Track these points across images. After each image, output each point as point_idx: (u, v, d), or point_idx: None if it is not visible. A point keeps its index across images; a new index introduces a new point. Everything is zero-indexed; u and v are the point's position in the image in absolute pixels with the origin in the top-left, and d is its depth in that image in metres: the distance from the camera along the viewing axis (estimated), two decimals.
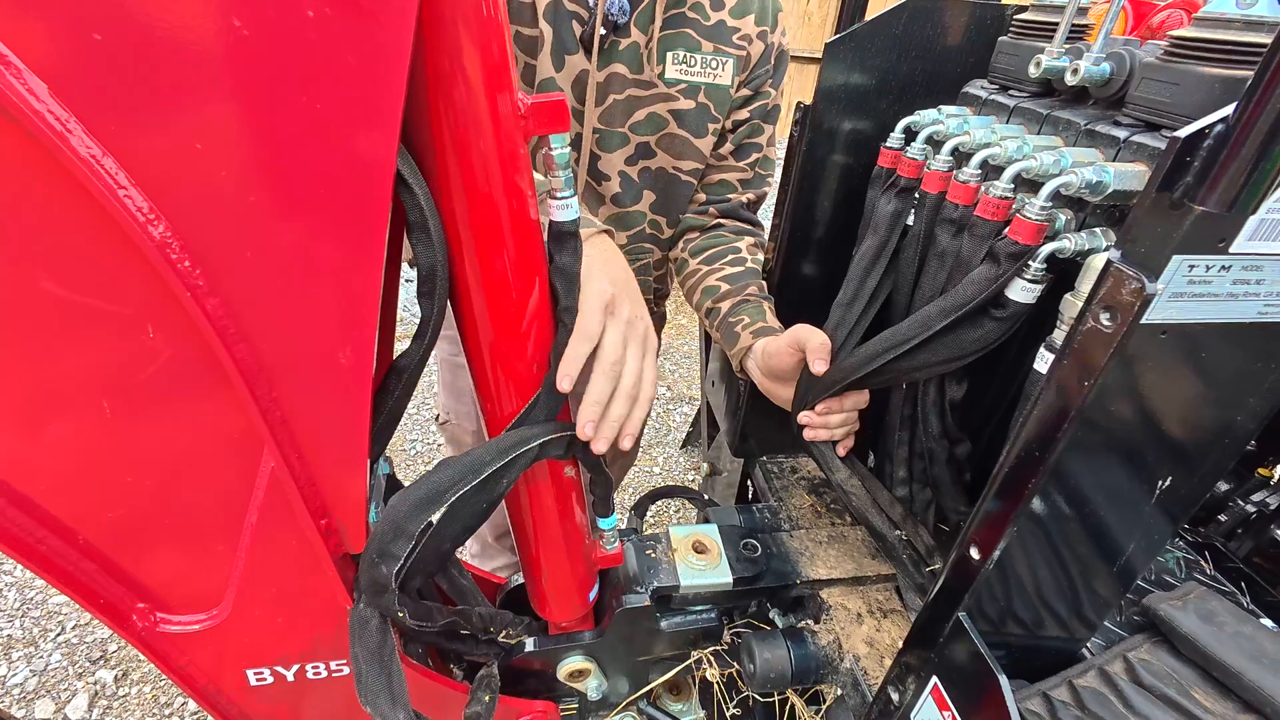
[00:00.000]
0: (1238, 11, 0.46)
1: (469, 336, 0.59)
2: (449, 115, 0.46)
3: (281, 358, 0.47)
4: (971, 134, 0.62)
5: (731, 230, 1.06)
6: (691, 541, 0.88)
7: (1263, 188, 0.34)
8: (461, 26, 0.43)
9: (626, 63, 0.88)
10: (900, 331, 0.61)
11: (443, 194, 0.50)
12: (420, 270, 0.50)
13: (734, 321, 0.94)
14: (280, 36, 0.36)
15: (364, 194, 0.42)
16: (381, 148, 0.41)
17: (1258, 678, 0.61)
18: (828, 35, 6.41)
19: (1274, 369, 0.47)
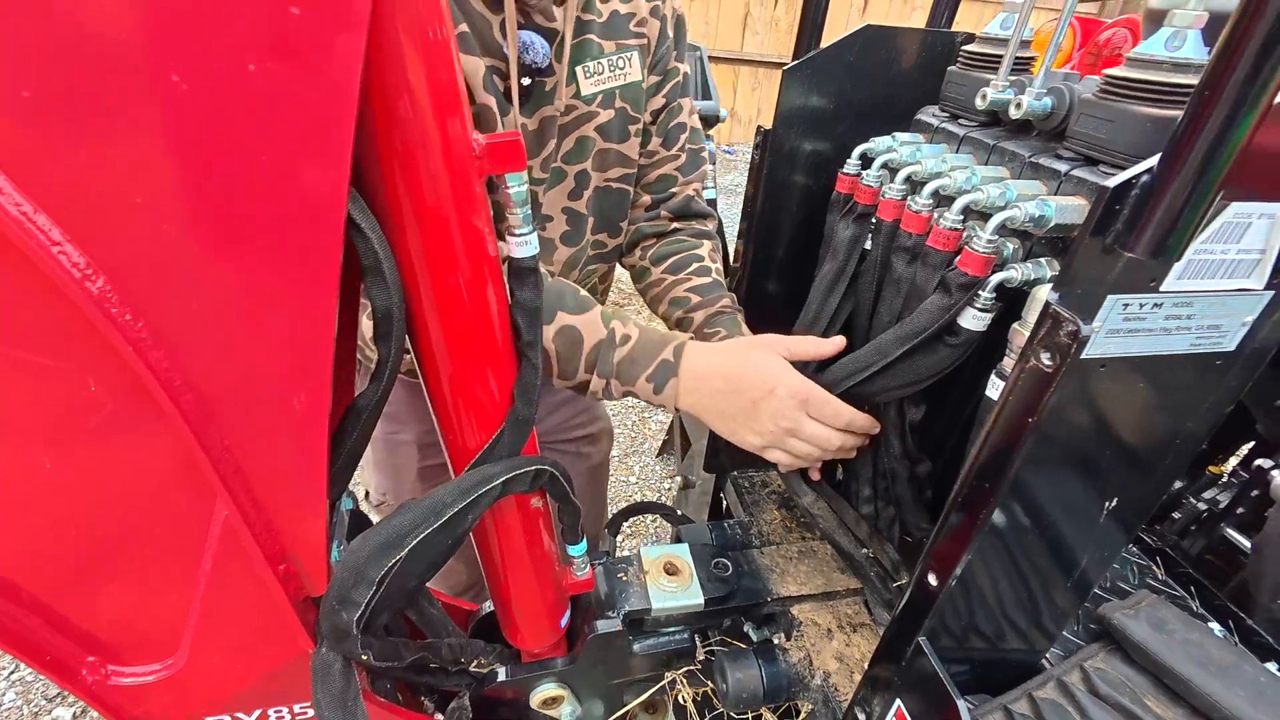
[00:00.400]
0: (1166, 54, 0.48)
1: (429, 373, 0.58)
2: (401, 158, 0.46)
3: (232, 406, 0.46)
4: (923, 163, 0.64)
5: (690, 234, 1.06)
6: (663, 563, 0.89)
7: (1185, 237, 0.35)
8: (412, 71, 0.43)
9: (553, 101, 0.83)
10: (859, 359, 0.63)
11: (398, 235, 0.49)
12: (376, 313, 0.50)
13: (710, 334, 0.96)
14: (221, 90, 0.35)
15: (313, 241, 0.42)
16: (330, 195, 0.41)
17: (1205, 684, 0.64)
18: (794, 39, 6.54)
19: (1208, 393, 0.49)
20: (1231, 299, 0.43)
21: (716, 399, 0.74)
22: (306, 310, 0.44)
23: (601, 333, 0.75)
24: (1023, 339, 0.52)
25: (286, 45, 0.35)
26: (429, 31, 0.43)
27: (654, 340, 0.76)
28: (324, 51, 0.36)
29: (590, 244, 0.97)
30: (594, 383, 0.76)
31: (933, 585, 0.52)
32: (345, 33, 0.36)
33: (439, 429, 0.63)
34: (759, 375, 0.72)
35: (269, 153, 0.38)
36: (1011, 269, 0.55)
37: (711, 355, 0.75)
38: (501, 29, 0.74)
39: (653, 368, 0.75)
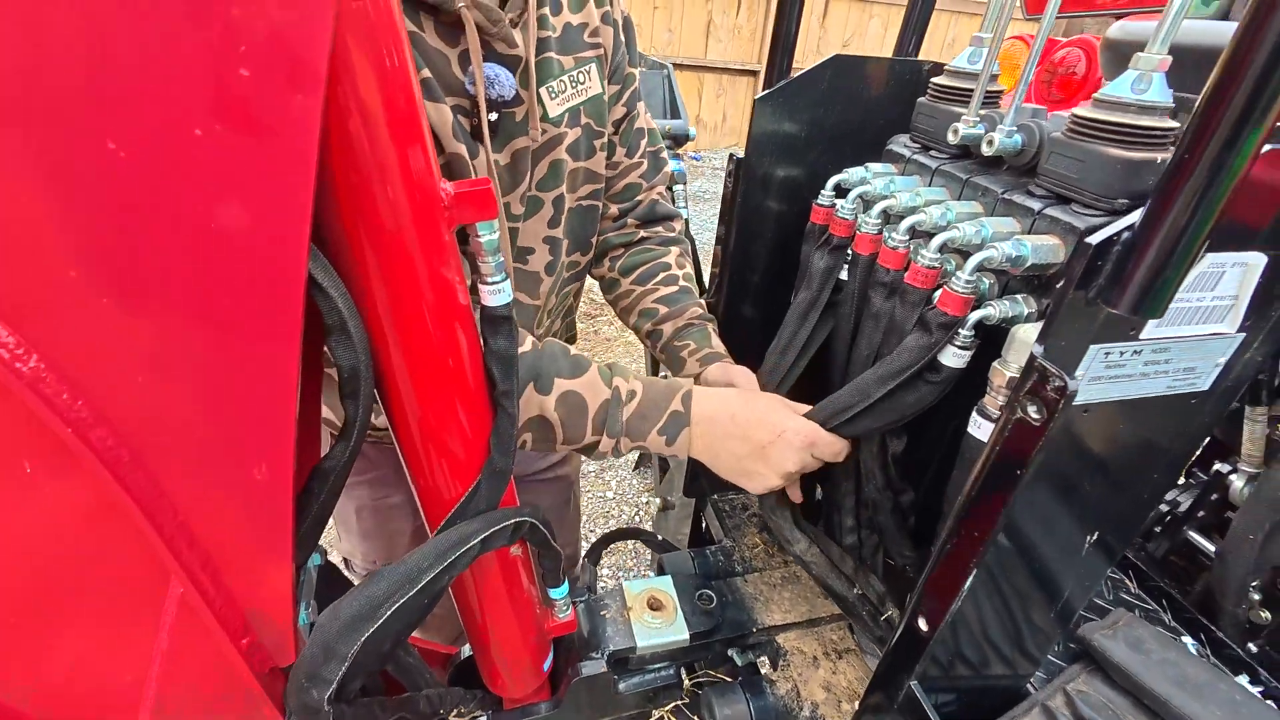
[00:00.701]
0: (1132, 96, 0.49)
1: (400, 428, 0.55)
2: (365, 213, 0.44)
3: (187, 481, 0.43)
4: (898, 197, 0.64)
5: (657, 241, 1.06)
6: (646, 598, 0.87)
7: (1165, 297, 0.35)
8: (374, 124, 0.41)
9: (526, 131, 0.79)
10: (842, 399, 0.63)
11: (363, 290, 0.47)
12: (342, 372, 0.47)
13: (680, 346, 0.96)
14: (163, 156, 0.33)
15: (272, 307, 0.39)
16: (290, 259, 0.38)
17: (1183, 704, 0.65)
18: (758, 47, 6.56)
19: (1185, 429, 0.50)
20: (1207, 343, 0.44)
21: (728, 443, 0.74)
22: (266, 378, 0.41)
23: (605, 392, 0.73)
24: (1003, 378, 0.52)
25: (236, 109, 0.32)
26: (393, 84, 0.41)
27: (660, 392, 0.75)
28: (278, 114, 0.33)
29: (565, 266, 0.94)
30: (603, 443, 0.73)
31: (923, 630, 0.52)
32: (301, 94, 0.33)
33: (412, 483, 0.60)
34: (767, 419, 0.72)
35: (221, 218, 0.35)
36: (989, 306, 0.55)
37: (719, 399, 0.75)
38: (461, 62, 0.71)
39: (664, 420, 0.73)
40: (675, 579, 0.90)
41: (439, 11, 0.68)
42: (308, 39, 0.32)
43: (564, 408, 0.72)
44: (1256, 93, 0.30)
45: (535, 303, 0.91)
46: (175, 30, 0.30)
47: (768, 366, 0.84)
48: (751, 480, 0.75)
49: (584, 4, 0.84)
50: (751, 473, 0.74)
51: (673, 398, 0.74)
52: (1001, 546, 0.48)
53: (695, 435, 0.74)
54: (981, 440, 0.55)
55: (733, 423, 0.73)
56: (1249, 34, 0.30)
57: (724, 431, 0.73)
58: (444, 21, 0.69)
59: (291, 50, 0.32)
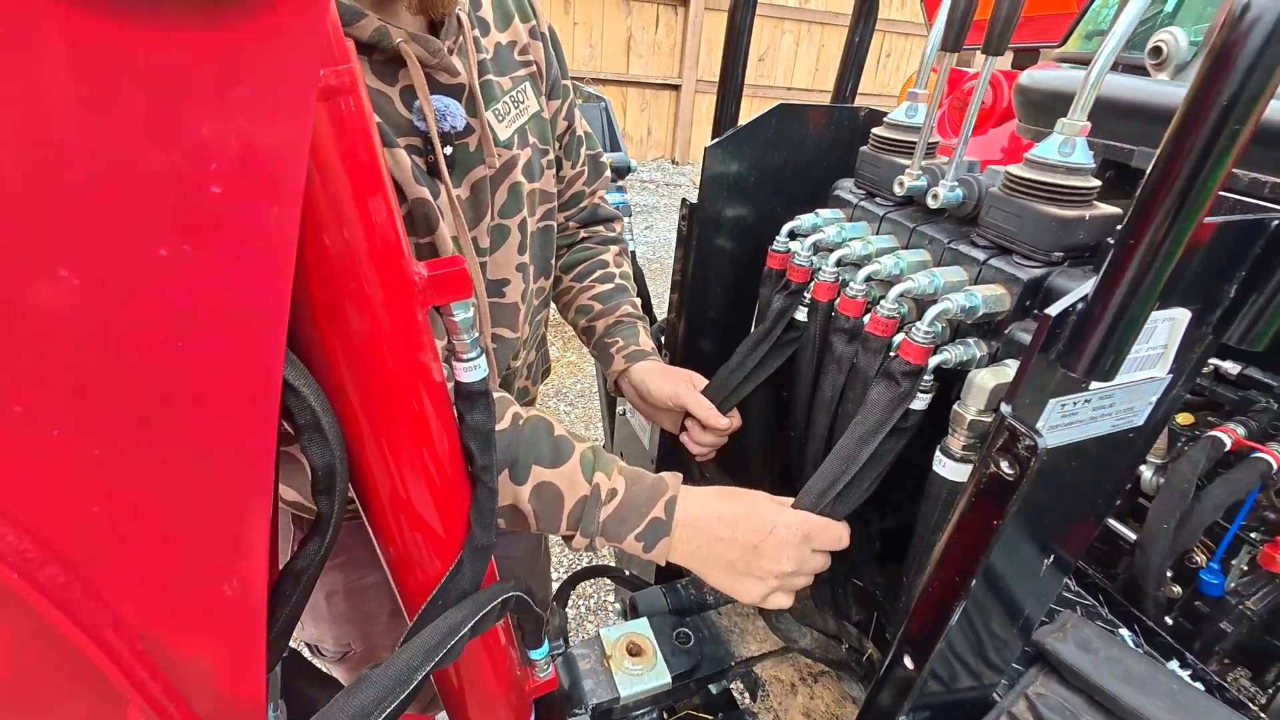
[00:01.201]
0: (1059, 158, 0.53)
1: (375, 512, 0.53)
2: (338, 310, 0.42)
3: (149, 608, 0.39)
4: (851, 245, 0.67)
5: (597, 240, 1.08)
6: (625, 644, 0.87)
7: (1117, 364, 0.39)
8: (348, 222, 0.39)
9: (482, 160, 0.76)
10: (827, 473, 0.64)
11: (336, 383, 0.45)
12: (315, 470, 0.44)
13: (609, 343, 0.99)
14: (122, 281, 0.30)
15: (245, 420, 0.37)
16: (264, 369, 0.36)
17: (1131, 699, 0.70)
18: (677, 61, 6.70)
19: (1124, 459, 0.55)
20: (1142, 386, 0.48)
21: (715, 547, 0.68)
22: (239, 494, 0.38)
23: (584, 488, 0.68)
24: (964, 420, 0.56)
25: (207, 227, 0.30)
26: (366, 179, 0.39)
27: (643, 494, 0.70)
28: (253, 229, 0.31)
29: (534, 293, 0.92)
30: (576, 539, 0.69)
31: (909, 669, 0.54)
32: (277, 207, 0.31)
33: (387, 566, 0.58)
34: (757, 516, 0.68)
35: (190, 339, 0.33)
36: (945, 351, 0.59)
37: (704, 501, 0.70)
38: (404, 98, 0.68)
39: (643, 526, 0.68)
40: (651, 621, 0.90)
41: (374, 49, 0.65)
42: (284, 152, 0.30)
43: (539, 500, 0.68)
44: (1192, 180, 0.34)
45: (515, 336, 0.88)
46: (136, 153, 0.28)
47: (716, 381, 0.87)
48: (745, 586, 0.68)
49: (509, 21, 0.82)
50: (744, 576, 0.68)
51: (656, 502, 0.69)
52: (980, 587, 0.51)
53: (677, 542, 0.69)
54: (945, 477, 0.59)
55: (719, 524, 0.68)
56: (1187, 122, 0.33)
57: (710, 535, 0.68)
58: (379, 60, 0.66)
59: (267, 165, 0.30)
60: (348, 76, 0.36)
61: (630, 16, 7.15)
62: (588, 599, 2.17)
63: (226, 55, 0.28)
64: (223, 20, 0.27)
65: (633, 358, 0.96)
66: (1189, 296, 0.44)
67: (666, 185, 7.11)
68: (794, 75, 8.33)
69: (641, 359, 0.95)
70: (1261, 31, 0.30)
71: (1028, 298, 0.56)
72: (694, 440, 0.91)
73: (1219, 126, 0.32)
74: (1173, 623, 1.21)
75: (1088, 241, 0.54)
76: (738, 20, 0.83)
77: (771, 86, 8.17)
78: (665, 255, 5.12)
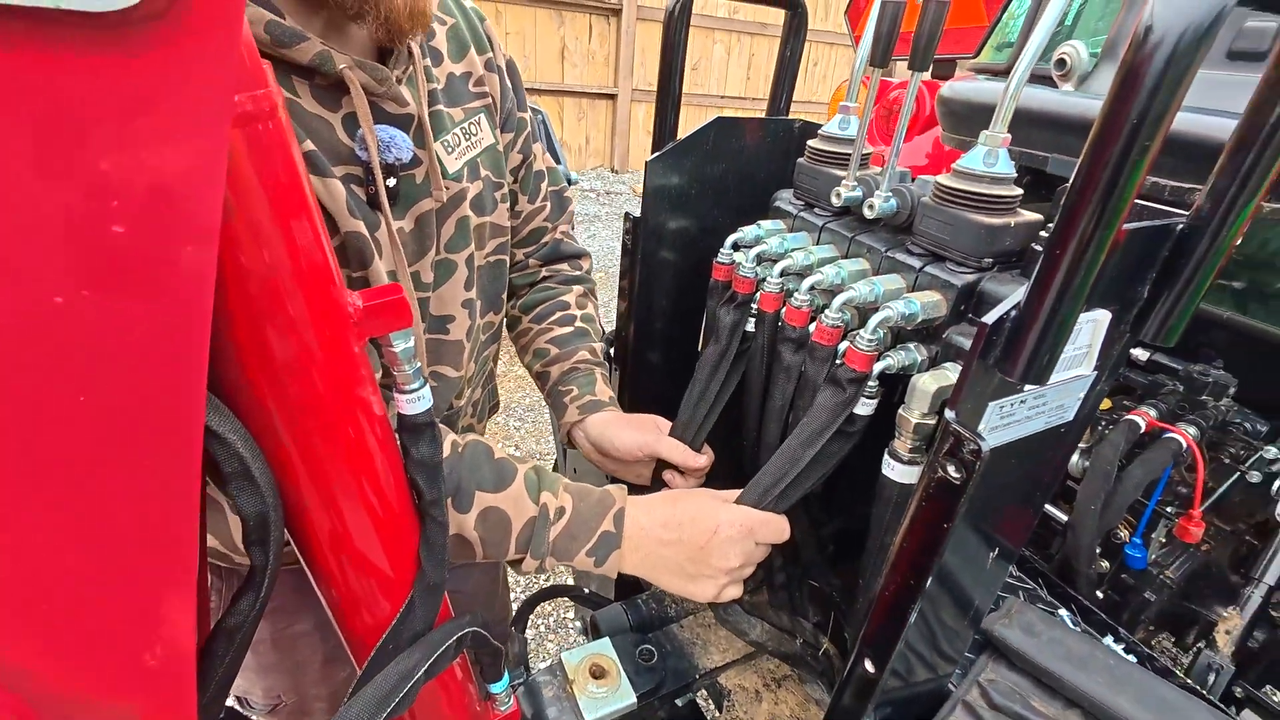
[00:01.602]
0: (984, 169, 0.56)
1: (316, 559, 0.50)
2: (264, 343, 0.39)
3: (60, 692, 0.35)
4: (794, 256, 0.68)
5: (559, 280, 1.03)
6: (588, 667, 0.85)
7: (1050, 367, 0.40)
8: (271, 248, 0.37)
9: (429, 193, 0.73)
10: (770, 472, 0.66)
11: (267, 426, 0.42)
12: (246, 520, 0.41)
13: (563, 391, 0.94)
14: (13, 333, 0.27)
15: (162, 477, 0.33)
16: (183, 418, 0.33)
17: (1073, 678, 0.74)
18: (612, 71, 6.76)
19: (1058, 452, 0.58)
20: (1071, 384, 0.51)
21: (663, 551, 0.70)
22: (159, 556, 0.35)
23: (531, 509, 0.68)
24: (909, 423, 0.57)
25: (109, 270, 0.28)
26: (287, 205, 0.37)
27: (592, 509, 0.70)
28: (165, 269, 0.29)
29: (481, 329, 0.89)
30: (526, 563, 0.68)
31: (871, 672, 0.55)
32: (190, 245, 0.29)
33: (330, 611, 0.54)
34: (699, 518, 0.69)
35: (95, 391, 0.30)
36: (888, 357, 0.60)
37: (650, 509, 0.72)
38: (346, 126, 0.65)
39: (593, 541, 0.69)
40: (613, 640, 0.89)
41: (315, 74, 0.62)
42: (195, 186, 0.28)
43: (484, 526, 0.66)
44: (1109, 193, 0.36)
45: (459, 374, 0.85)
46: (21, 192, 0.25)
47: (684, 418, 0.86)
48: (697, 585, 0.70)
49: (465, 52, 0.80)
50: (695, 578, 0.70)
51: (605, 515, 0.70)
52: (933, 587, 0.52)
53: (627, 553, 0.70)
54: (894, 480, 0.60)
55: (664, 529, 0.70)
56: (1102, 139, 0.35)
57: (656, 540, 0.70)
58: (321, 85, 0.63)
59: (177, 201, 0.28)
60: (266, 101, 0.34)
61: (563, 26, 7.15)
62: (547, 618, 2.13)
63: (126, 83, 0.26)
64: (121, 45, 0.25)
65: (588, 408, 0.90)
66: (1108, 298, 0.47)
67: (607, 194, 7.13)
68: (727, 84, 8.51)
69: (597, 410, 0.90)
70: (1164, 52, 0.32)
71: (962, 302, 0.58)
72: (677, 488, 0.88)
73: (1130, 142, 0.34)
74: (1103, 596, 1.28)
75: (1014, 247, 0.57)
76: (672, 34, 0.83)
77: (706, 95, 8.33)
78: (610, 263, 5.13)
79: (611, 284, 4.46)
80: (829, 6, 8.73)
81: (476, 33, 0.82)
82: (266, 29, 0.56)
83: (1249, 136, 0.43)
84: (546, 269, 1.03)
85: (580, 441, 0.93)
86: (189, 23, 0.26)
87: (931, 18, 0.53)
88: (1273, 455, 1.11)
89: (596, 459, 0.93)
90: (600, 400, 0.92)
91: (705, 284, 0.81)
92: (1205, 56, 0.32)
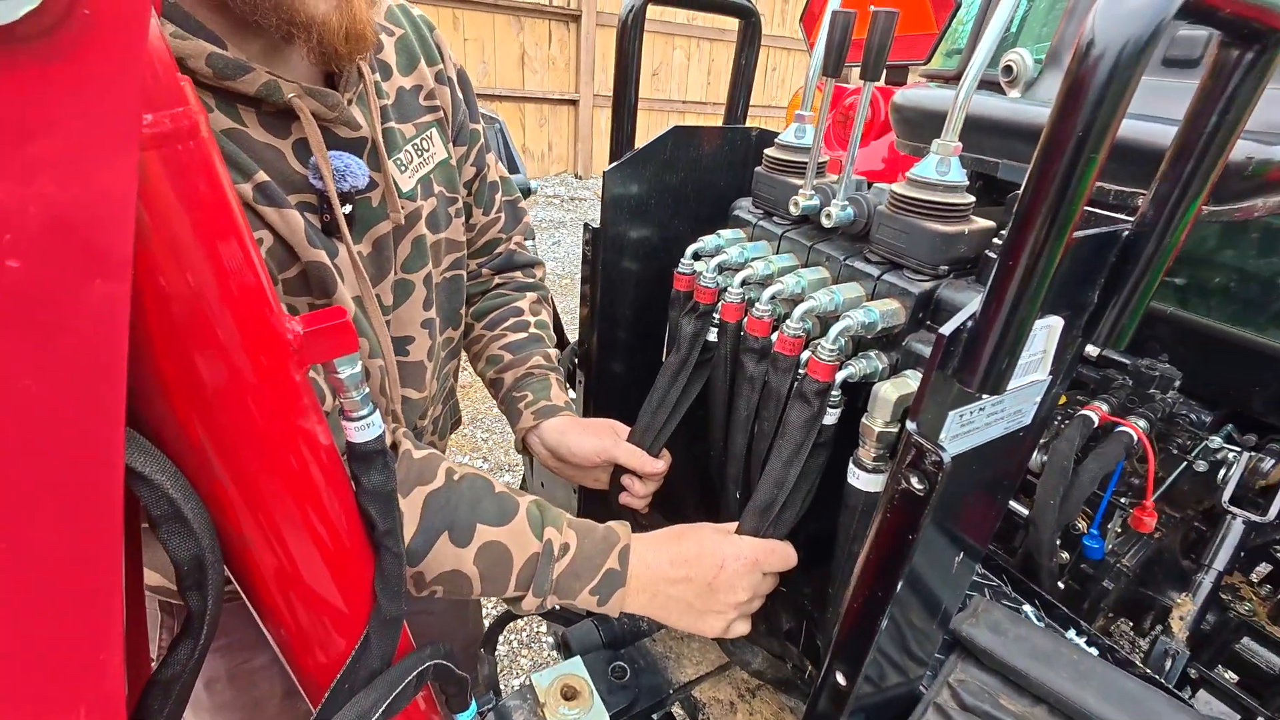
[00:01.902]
0: (937, 177, 0.56)
1: (262, 598, 0.47)
2: (193, 377, 0.36)
3: None
4: (754, 266, 0.67)
5: (512, 287, 1.03)
6: (559, 688, 0.83)
7: (1005, 378, 0.41)
8: (198, 276, 0.34)
9: (386, 215, 0.71)
10: (761, 498, 0.66)
11: (200, 462, 0.39)
12: (180, 564, 0.39)
13: (518, 397, 0.93)
14: None
15: (77, 532, 0.31)
16: (99, 462, 0.30)
17: (1040, 675, 0.75)
18: (573, 76, 6.75)
19: (1017, 455, 0.58)
20: (1028, 389, 0.51)
21: (671, 590, 0.68)
22: (73, 617, 0.32)
23: (535, 545, 0.65)
24: (873, 432, 0.57)
25: (5, 310, 0.25)
26: (214, 227, 0.34)
27: (596, 546, 0.68)
28: (71, 306, 0.26)
29: (441, 346, 0.87)
30: (527, 601, 0.66)
31: (843, 685, 0.54)
32: (98, 279, 0.27)
33: (280, 651, 0.51)
34: (708, 554, 0.68)
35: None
36: (850, 366, 0.60)
37: (655, 546, 0.70)
38: (297, 153, 0.62)
39: (598, 579, 0.67)
40: (585, 659, 0.87)
41: (262, 103, 0.59)
42: (101, 216, 0.26)
43: (485, 561, 0.64)
44: (1059, 202, 0.36)
45: (422, 395, 0.82)
46: None
47: (642, 424, 0.85)
48: (705, 622, 0.69)
49: (414, 65, 0.78)
50: (704, 614, 0.69)
51: (609, 553, 0.68)
52: (902, 594, 0.52)
53: (632, 592, 0.68)
54: (860, 488, 0.60)
55: (672, 566, 0.68)
56: (1050, 150, 0.35)
57: (664, 578, 0.68)
58: (269, 111, 0.60)
59: (82, 233, 0.25)
60: (185, 120, 0.32)
61: (522, 33, 7.11)
62: (519, 633, 2.10)
63: (18, 106, 0.23)
64: (12, 66, 0.23)
65: (543, 414, 0.89)
66: (1060, 304, 0.48)
67: (571, 200, 7.10)
68: (688, 89, 8.58)
69: (553, 415, 0.89)
70: (1107, 65, 0.32)
71: (920, 310, 0.59)
72: (634, 495, 0.87)
73: (1077, 153, 0.34)
74: (1064, 587, 1.32)
75: (969, 254, 0.57)
76: (626, 43, 0.82)
77: (668, 100, 8.38)
78: (574, 270, 5.10)
79: (577, 291, 4.43)
80: (784, 13, 8.89)
81: (426, 43, 0.80)
82: (209, 62, 0.54)
83: (1188, 144, 0.44)
84: (500, 277, 1.02)
85: (536, 448, 0.92)
86: (86, 38, 0.24)
87: (882, 28, 0.54)
88: (1217, 445, 1.15)
89: (554, 465, 0.91)
90: (556, 405, 0.90)
91: (667, 293, 0.80)
92: (1146, 68, 0.32)
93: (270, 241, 0.60)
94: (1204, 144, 0.43)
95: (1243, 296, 1.18)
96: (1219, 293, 1.22)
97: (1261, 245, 1.14)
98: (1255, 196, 0.70)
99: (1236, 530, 1.15)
